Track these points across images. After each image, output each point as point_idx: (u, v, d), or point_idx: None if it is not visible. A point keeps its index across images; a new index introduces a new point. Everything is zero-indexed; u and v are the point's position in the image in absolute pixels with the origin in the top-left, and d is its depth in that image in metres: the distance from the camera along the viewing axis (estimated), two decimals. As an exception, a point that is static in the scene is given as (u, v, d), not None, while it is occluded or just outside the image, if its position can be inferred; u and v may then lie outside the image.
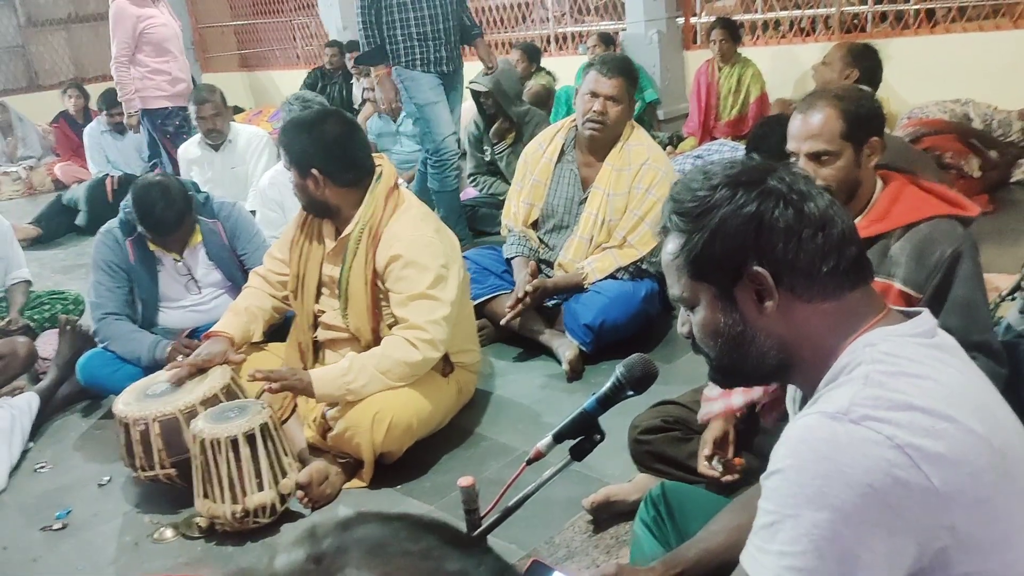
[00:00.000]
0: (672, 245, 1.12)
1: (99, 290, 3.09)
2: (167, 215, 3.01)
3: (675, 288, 1.15)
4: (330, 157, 2.59)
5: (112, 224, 3.14)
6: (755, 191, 1.06)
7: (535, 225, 3.50)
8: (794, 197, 1.06)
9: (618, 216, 3.29)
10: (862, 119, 1.95)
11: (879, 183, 2.02)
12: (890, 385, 0.97)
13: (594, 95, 3.27)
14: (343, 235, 2.64)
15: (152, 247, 3.11)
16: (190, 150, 4.95)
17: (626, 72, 3.31)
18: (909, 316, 1.10)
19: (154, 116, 5.35)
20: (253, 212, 3.81)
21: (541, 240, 3.48)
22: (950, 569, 0.94)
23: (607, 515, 2.27)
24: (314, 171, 2.58)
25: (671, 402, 2.34)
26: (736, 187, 1.07)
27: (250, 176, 4.89)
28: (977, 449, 0.95)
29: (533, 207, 3.47)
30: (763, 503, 1.00)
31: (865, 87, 2.06)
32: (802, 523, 0.93)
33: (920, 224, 1.94)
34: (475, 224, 4.86)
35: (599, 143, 3.32)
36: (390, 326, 2.62)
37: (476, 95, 4.90)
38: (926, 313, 1.10)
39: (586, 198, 3.35)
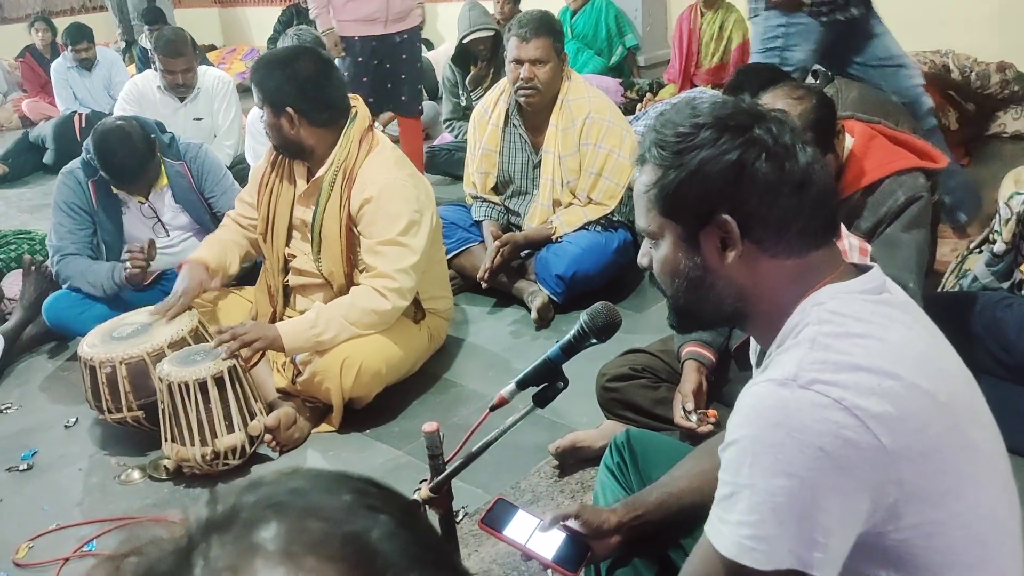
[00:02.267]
0: (647, 177, 1.10)
1: (60, 232, 3.04)
2: (128, 163, 2.94)
3: (642, 220, 1.13)
4: (306, 95, 2.52)
5: (74, 165, 3.07)
6: (740, 138, 1.04)
7: (496, 190, 3.46)
8: (779, 151, 1.04)
9: (575, 176, 3.25)
10: (824, 129, 1.91)
11: (848, 139, 2.02)
12: (836, 347, 0.97)
13: (518, 62, 3.17)
14: (316, 177, 2.59)
15: (116, 189, 3.04)
16: (146, 92, 4.42)
17: (546, 29, 3.18)
18: (862, 271, 1.10)
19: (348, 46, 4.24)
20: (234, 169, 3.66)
21: (506, 207, 3.45)
22: (900, 521, 0.96)
23: (573, 460, 2.30)
24: (289, 110, 2.51)
25: (639, 350, 2.35)
26: (722, 130, 1.05)
27: (218, 128, 4.58)
28: (923, 404, 0.96)
29: (488, 175, 3.42)
30: (721, 474, 1.01)
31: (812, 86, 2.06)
32: (758, 492, 0.94)
33: (885, 179, 1.98)
34: (451, 169, 4.80)
35: (537, 107, 3.25)
36: (363, 271, 2.59)
37: (473, 40, 4.76)
38: (876, 269, 1.10)
39: (539, 161, 3.31)
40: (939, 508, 0.97)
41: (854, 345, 0.97)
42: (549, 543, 1.41)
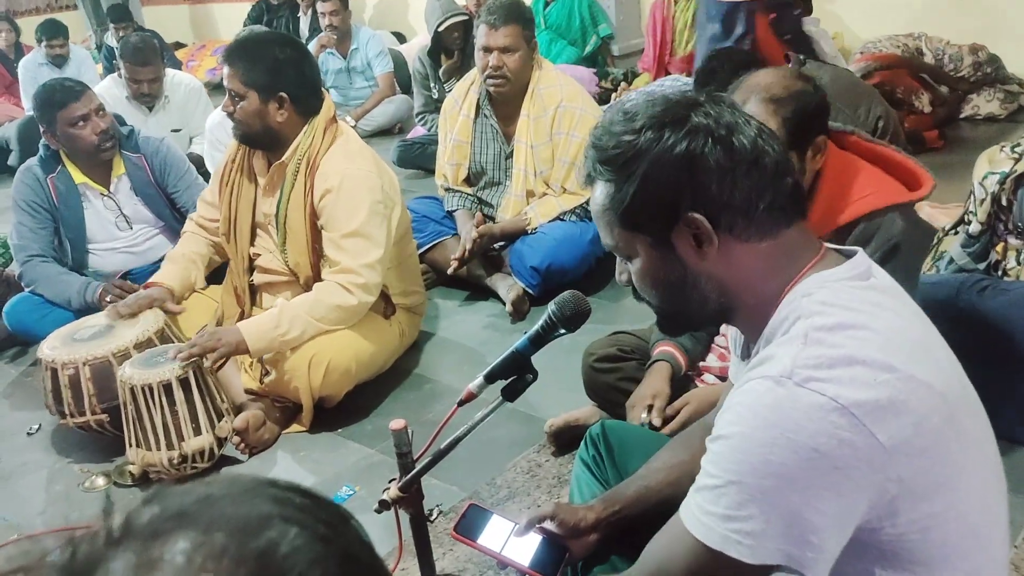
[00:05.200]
0: (599, 195, 1.06)
1: (22, 231, 2.95)
2: (68, 81, 2.94)
3: (608, 239, 1.09)
4: (302, 80, 2.47)
5: (32, 162, 2.98)
6: (682, 130, 1.01)
7: (468, 182, 3.41)
8: (722, 132, 1.01)
9: (548, 166, 3.21)
10: (805, 122, 1.65)
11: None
12: (829, 341, 0.94)
13: (487, 50, 3.12)
14: (280, 162, 2.51)
15: (78, 181, 2.96)
16: (113, 102, 4.17)
17: (516, 16, 3.13)
18: (847, 256, 1.06)
19: None
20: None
21: (479, 198, 3.40)
22: (897, 517, 0.94)
23: (568, 439, 2.28)
24: (283, 94, 2.43)
25: (626, 332, 2.32)
26: (661, 128, 1.01)
27: (193, 135, 4.47)
28: (919, 395, 0.93)
29: (460, 167, 3.37)
30: (707, 465, 0.97)
31: (803, 74, 1.85)
32: (747, 489, 0.92)
33: (858, 223, 1.69)
34: (424, 163, 4.74)
35: (507, 96, 3.20)
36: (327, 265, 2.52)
37: (448, 28, 4.70)
38: (861, 254, 1.07)
39: (511, 152, 3.26)
40: (935, 501, 0.95)
41: (847, 337, 0.94)
42: (525, 548, 1.37)
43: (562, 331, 1.37)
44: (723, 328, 1.99)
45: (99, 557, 0.43)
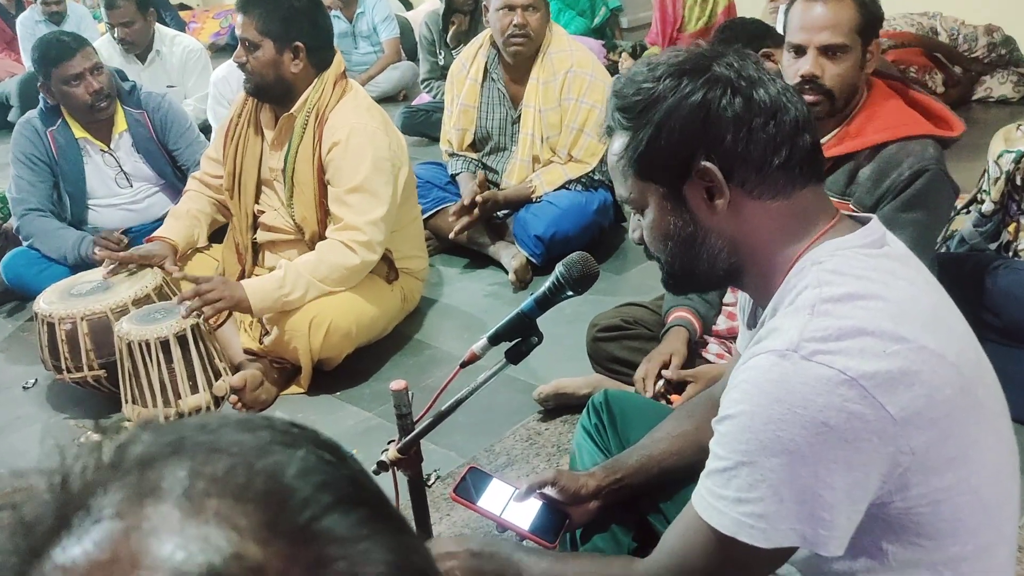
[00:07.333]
0: (617, 144, 1.05)
1: (20, 184, 2.91)
2: (66, 36, 2.91)
3: (622, 189, 1.08)
4: (317, 31, 2.43)
5: (31, 115, 2.95)
6: (700, 79, 0.99)
7: (473, 147, 3.37)
8: (742, 84, 0.99)
9: (555, 132, 3.16)
10: (873, 16, 1.84)
11: (864, 91, 1.90)
12: (837, 312, 0.91)
13: (510, 8, 3.07)
14: (288, 114, 2.48)
15: (78, 135, 2.92)
16: (109, 56, 4.17)
17: None
18: (861, 223, 1.04)
19: None
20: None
21: (483, 164, 3.35)
22: (908, 491, 0.92)
23: (555, 405, 2.28)
24: (299, 44, 2.40)
25: (635, 304, 2.31)
26: (680, 76, 1.00)
27: (189, 95, 4.41)
28: (931, 366, 0.91)
29: (466, 132, 3.33)
30: (715, 447, 0.95)
31: None
32: (758, 469, 0.90)
33: (891, 144, 1.83)
34: (429, 130, 4.69)
35: (523, 57, 3.15)
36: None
37: None
38: (875, 221, 1.04)
39: (519, 116, 3.22)
40: (946, 474, 0.92)
41: (856, 308, 0.92)
42: (525, 512, 1.35)
43: (569, 293, 1.34)
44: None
45: (92, 486, 0.40)
